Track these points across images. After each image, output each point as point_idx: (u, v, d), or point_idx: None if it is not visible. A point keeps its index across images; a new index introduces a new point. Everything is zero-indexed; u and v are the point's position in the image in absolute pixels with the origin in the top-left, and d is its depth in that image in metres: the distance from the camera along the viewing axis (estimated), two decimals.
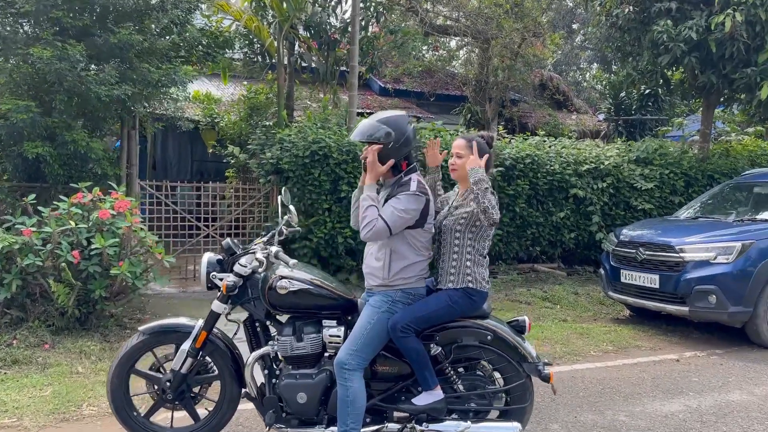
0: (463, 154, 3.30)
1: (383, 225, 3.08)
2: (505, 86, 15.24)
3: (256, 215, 8.37)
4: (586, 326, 6.59)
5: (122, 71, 6.92)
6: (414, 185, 3.16)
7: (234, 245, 3.44)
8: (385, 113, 3.33)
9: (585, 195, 9.06)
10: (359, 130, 3.27)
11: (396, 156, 3.21)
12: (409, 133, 3.24)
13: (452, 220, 3.29)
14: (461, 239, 3.26)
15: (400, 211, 3.09)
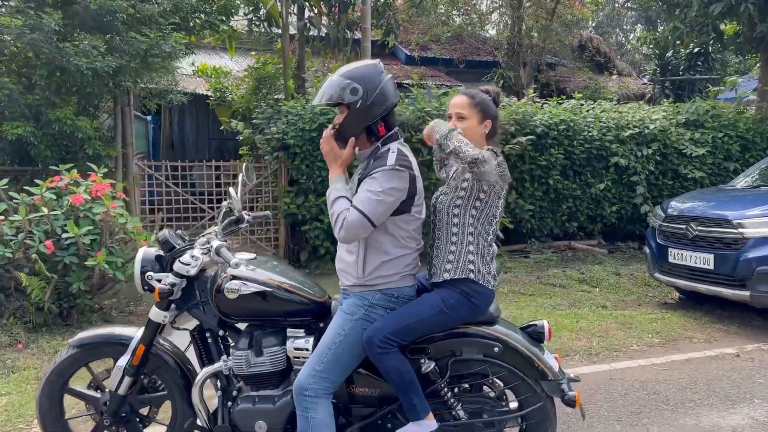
0: (465, 115, 2.57)
1: (358, 216, 2.39)
2: (540, 49, 14.22)
3: (264, 195, 7.76)
4: (629, 313, 5.78)
5: (108, 42, 6.33)
6: (392, 157, 2.45)
7: (173, 237, 2.79)
8: (351, 65, 2.60)
9: (628, 163, 8.13)
10: (320, 91, 2.56)
11: (367, 119, 2.50)
12: (384, 87, 2.51)
13: (449, 197, 2.59)
14: (461, 219, 2.56)
15: (377, 194, 2.40)
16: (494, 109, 2.62)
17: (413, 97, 7.90)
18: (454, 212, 2.56)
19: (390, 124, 2.58)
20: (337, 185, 2.52)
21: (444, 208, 2.59)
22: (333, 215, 2.46)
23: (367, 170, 2.49)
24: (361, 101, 2.47)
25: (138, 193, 7.09)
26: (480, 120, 2.57)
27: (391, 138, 2.57)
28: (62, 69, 6.01)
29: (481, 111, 2.57)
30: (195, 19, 7.37)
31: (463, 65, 14.86)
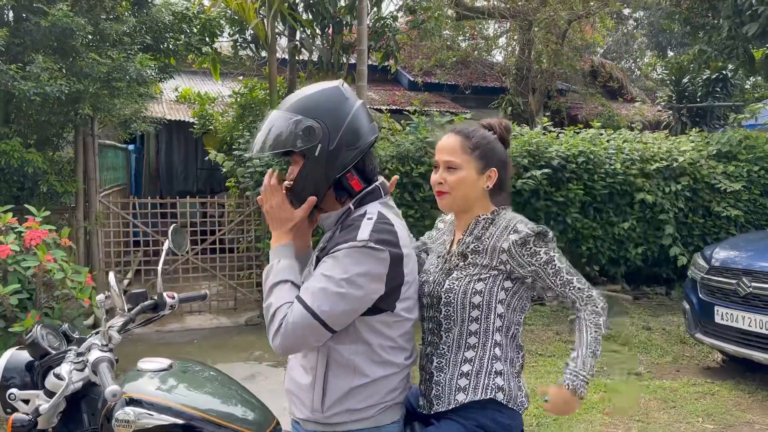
0: (457, 164, 1.79)
1: (303, 315, 1.56)
2: (550, 74, 13.45)
3: (246, 234, 6.91)
4: (669, 385, 4.85)
5: (64, 65, 5.55)
6: (366, 227, 1.61)
7: (46, 338, 1.92)
8: (301, 92, 1.76)
9: (655, 200, 7.25)
10: (259, 134, 1.72)
11: (333, 171, 1.67)
12: (354, 119, 1.69)
13: (464, 281, 1.75)
14: (484, 311, 1.73)
15: (337, 283, 1.56)
16: (501, 152, 1.85)
17: (414, 125, 7.09)
18: (473, 301, 1.73)
19: (367, 173, 1.74)
20: (280, 262, 1.67)
21: (457, 296, 1.74)
22: (268, 310, 1.62)
23: (331, 244, 1.64)
24: (321, 146, 1.64)
25: (101, 234, 6.25)
26: (480, 169, 1.80)
27: (370, 196, 1.72)
28: (8, 95, 5.21)
29: (482, 156, 1.80)
30: (172, 40, 6.61)
31: (469, 91, 14.11)
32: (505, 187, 1.87)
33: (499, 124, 1.87)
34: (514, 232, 1.74)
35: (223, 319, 6.60)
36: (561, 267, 1.75)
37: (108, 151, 7.96)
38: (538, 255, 1.73)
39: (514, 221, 1.79)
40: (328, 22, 7.52)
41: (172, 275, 6.75)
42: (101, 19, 5.68)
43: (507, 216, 1.82)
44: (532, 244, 1.73)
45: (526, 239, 1.73)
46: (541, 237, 1.75)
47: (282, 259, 1.67)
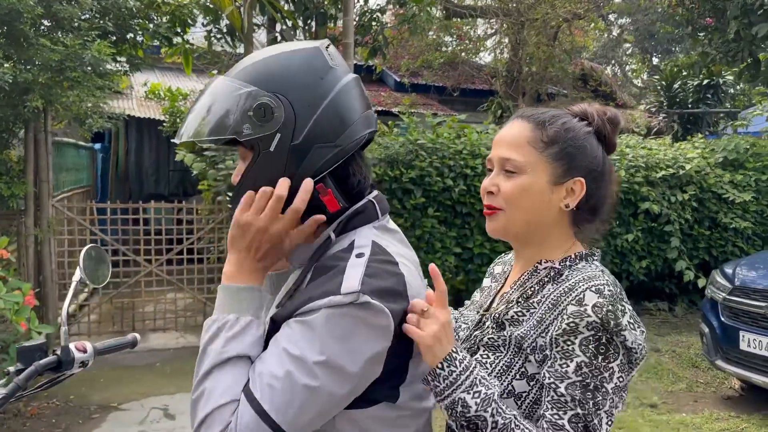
0: (519, 164, 1.18)
1: (255, 426, 0.96)
2: (541, 77, 13.01)
3: (218, 244, 6.29)
4: (690, 420, 4.34)
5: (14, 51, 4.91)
6: (356, 270, 1.02)
7: None
8: (263, 52, 1.14)
9: (660, 210, 6.76)
10: (192, 113, 1.11)
11: (294, 179, 1.08)
12: (340, 100, 1.09)
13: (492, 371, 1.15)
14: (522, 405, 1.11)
15: (307, 373, 0.97)
16: (595, 156, 1.21)
17: (404, 127, 6.52)
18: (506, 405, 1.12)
19: (351, 185, 1.13)
20: (239, 319, 1.05)
21: None
22: (201, 406, 1.00)
23: (297, 297, 1.04)
24: (280, 136, 1.06)
25: (54, 243, 5.58)
26: (556, 176, 1.18)
27: (358, 217, 1.13)
28: None
29: (561, 156, 1.18)
30: (138, 29, 5.96)
31: (457, 93, 13.64)
32: (599, 210, 1.23)
33: (600, 113, 1.23)
34: (577, 302, 1.07)
35: (190, 337, 5.95)
36: (570, 406, 1.04)
37: (68, 150, 7.29)
38: (570, 350, 1.05)
39: (587, 284, 1.10)
40: (311, 13, 6.92)
41: (133, 288, 6.09)
42: (55, 2, 5.02)
43: (585, 270, 1.15)
44: (579, 328, 1.05)
45: (578, 319, 1.06)
46: (599, 338, 1.05)
47: (243, 314, 1.05)
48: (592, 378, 1.04)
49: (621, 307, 1.09)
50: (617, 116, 1.25)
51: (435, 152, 6.05)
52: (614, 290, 1.10)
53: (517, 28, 11.52)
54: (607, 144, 1.24)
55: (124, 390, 4.71)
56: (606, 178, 1.23)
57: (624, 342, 1.06)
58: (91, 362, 1.56)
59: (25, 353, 1.44)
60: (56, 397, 4.52)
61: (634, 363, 1.09)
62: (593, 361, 1.04)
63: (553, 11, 10.45)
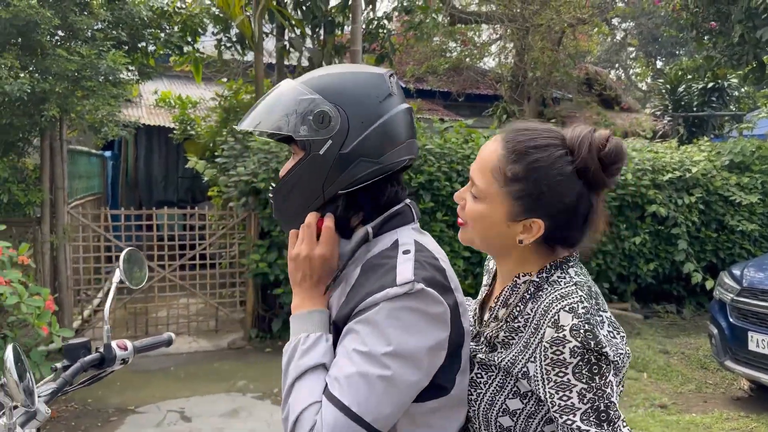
0: (479, 190, 1.18)
1: (341, 423, 1.03)
2: (546, 82, 13.08)
3: (229, 249, 6.37)
4: (700, 420, 4.38)
5: (32, 61, 5.02)
6: (407, 264, 1.11)
7: None
8: (332, 68, 1.25)
9: (668, 213, 6.81)
10: (259, 107, 1.22)
11: (333, 184, 1.18)
12: (390, 127, 1.19)
13: (487, 390, 1.17)
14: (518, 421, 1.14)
15: (380, 365, 1.05)
16: (564, 198, 1.12)
17: None
18: (501, 422, 1.15)
19: (381, 202, 1.22)
20: (309, 336, 1.14)
21: (477, 412, 1.18)
22: (287, 416, 1.08)
23: (352, 295, 1.13)
24: (331, 143, 1.15)
25: (69, 249, 5.67)
26: (511, 214, 1.15)
27: (397, 219, 1.21)
28: None
29: (522, 196, 1.13)
30: (150, 38, 6.06)
31: (462, 98, 13.71)
32: (569, 242, 1.18)
33: (596, 144, 1.11)
34: (553, 324, 1.07)
35: (203, 341, 6.03)
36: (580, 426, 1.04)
37: (81, 158, 7.39)
38: (567, 382, 1.05)
39: (560, 304, 1.08)
40: (320, 21, 7.02)
41: (147, 294, 6.18)
42: (71, 13, 5.13)
43: (559, 286, 1.13)
44: (565, 357, 1.05)
45: (561, 346, 1.05)
46: (587, 360, 1.04)
47: (312, 332, 1.14)
48: (600, 399, 1.04)
49: (598, 318, 1.08)
50: (616, 151, 1.12)
51: (443, 157, 6.12)
52: (588, 305, 1.08)
53: (522, 34, 11.58)
54: (593, 183, 1.13)
55: (140, 393, 4.79)
56: (579, 218, 1.14)
57: (607, 356, 1.05)
58: (131, 359, 1.63)
59: (70, 351, 1.51)
60: (74, 401, 4.60)
61: (619, 370, 1.10)
62: (591, 384, 1.04)
63: (558, 17, 10.51)
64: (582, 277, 1.15)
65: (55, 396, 1.43)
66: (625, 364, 1.12)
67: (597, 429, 1.04)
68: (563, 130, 1.17)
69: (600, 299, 1.14)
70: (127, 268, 1.67)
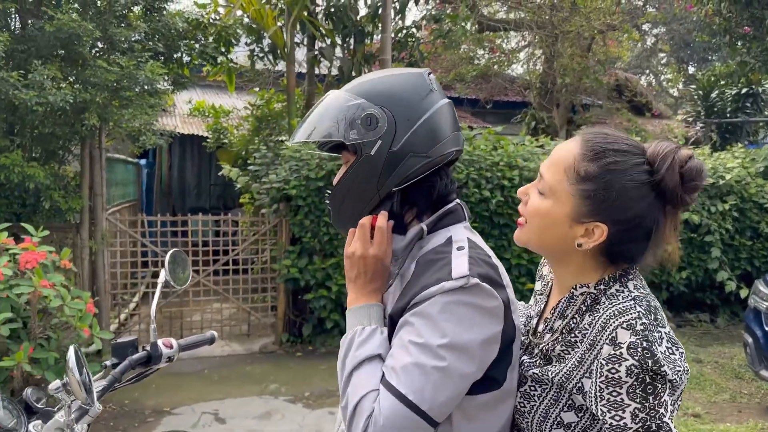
0: (547, 186, 1.18)
1: (397, 410, 1.08)
2: (575, 88, 13.00)
3: (261, 255, 6.48)
4: (733, 429, 4.32)
5: (70, 73, 5.20)
6: (462, 260, 1.16)
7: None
8: (374, 74, 1.32)
9: (701, 221, 6.73)
10: (309, 119, 1.28)
11: (388, 181, 1.23)
12: (436, 118, 1.24)
13: (541, 403, 1.19)
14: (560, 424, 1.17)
15: (435, 356, 1.09)
16: (634, 208, 1.11)
17: None
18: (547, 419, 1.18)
19: (436, 194, 1.27)
20: (365, 329, 1.20)
21: (530, 424, 1.20)
22: (346, 404, 1.14)
23: (408, 289, 1.18)
24: (381, 143, 1.21)
25: (107, 254, 5.83)
26: (576, 214, 1.14)
27: (449, 217, 1.27)
28: (9, 104, 4.84)
29: (589, 196, 1.13)
30: (186, 48, 6.22)
31: (490, 106, 13.70)
32: (629, 257, 1.17)
33: (678, 162, 1.11)
34: (610, 342, 1.07)
35: (235, 345, 6.14)
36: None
37: (117, 166, 7.59)
38: (620, 401, 1.05)
39: (618, 320, 1.08)
40: (350, 31, 7.13)
41: (182, 298, 6.32)
42: (111, 25, 5.31)
43: (617, 301, 1.12)
44: (621, 376, 1.05)
45: (617, 365, 1.05)
46: (642, 380, 1.04)
47: (367, 325, 1.20)
48: (652, 419, 1.03)
49: (657, 335, 1.07)
50: (696, 169, 1.11)
51: (472, 164, 6.15)
52: (647, 321, 1.07)
53: (551, 41, 11.55)
54: (668, 198, 1.12)
55: (175, 395, 4.90)
56: (643, 233, 1.13)
57: (664, 374, 1.04)
58: (176, 357, 1.71)
59: (119, 349, 1.60)
60: (112, 402, 4.73)
61: (677, 388, 1.08)
62: (645, 404, 1.03)
63: (587, 24, 10.47)
64: (641, 291, 1.14)
65: (106, 392, 1.52)
66: (684, 381, 1.09)
67: None
68: (646, 144, 1.17)
69: (660, 314, 1.12)
70: (172, 268, 1.76)
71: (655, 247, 1.15)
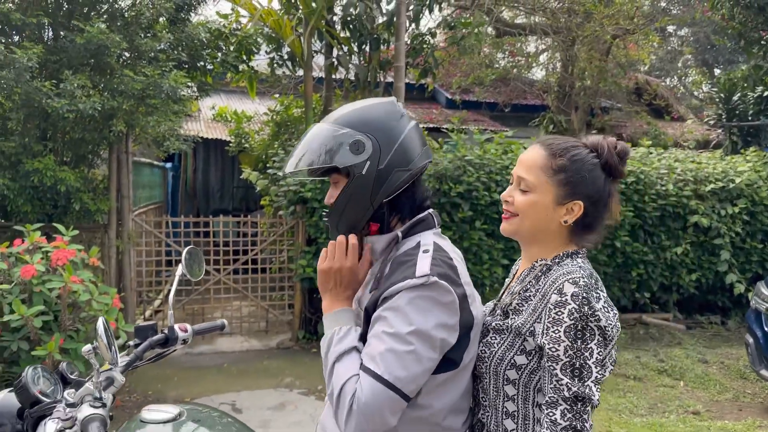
0: (531, 184, 1.46)
1: (376, 390, 1.30)
2: (594, 91, 13.06)
3: (278, 255, 6.74)
4: (732, 426, 4.44)
5: (99, 81, 5.51)
6: (425, 261, 1.39)
7: (38, 382, 1.71)
8: (350, 106, 1.55)
9: (710, 224, 6.82)
10: (298, 149, 1.51)
11: (379, 195, 1.47)
12: (408, 139, 1.49)
13: (498, 348, 1.44)
14: (522, 396, 1.42)
15: (404, 342, 1.32)
16: (597, 184, 1.45)
17: (452, 143, 6.84)
18: (508, 376, 1.42)
19: (417, 200, 1.52)
20: (341, 329, 1.43)
21: (489, 367, 1.45)
22: (332, 391, 1.37)
23: (382, 286, 1.40)
24: (369, 163, 1.43)
25: (134, 254, 6.14)
26: (558, 198, 1.45)
27: (421, 224, 1.51)
28: (42, 112, 5.17)
29: (566, 183, 1.44)
30: (208, 58, 6.52)
31: (509, 109, 13.82)
32: (595, 227, 1.49)
33: (611, 145, 1.45)
34: (557, 292, 1.35)
35: (254, 341, 6.41)
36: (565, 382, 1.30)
37: (144, 169, 7.93)
38: (558, 337, 1.32)
39: (566, 278, 1.37)
40: (366, 39, 7.36)
41: (203, 295, 6.61)
42: (137, 36, 5.61)
43: (567, 266, 1.42)
44: (563, 318, 1.32)
45: (561, 308, 1.33)
46: (577, 326, 1.31)
47: (343, 325, 1.44)
48: (577, 358, 1.30)
49: (595, 294, 1.34)
50: (625, 149, 1.48)
51: (482, 167, 6.33)
52: (588, 281, 1.36)
53: (567, 45, 11.65)
54: (614, 173, 1.47)
55: (195, 387, 5.17)
56: (604, 203, 1.47)
57: (598, 323, 1.31)
58: (190, 340, 1.95)
59: (141, 331, 1.84)
60: (136, 392, 5.02)
61: (609, 339, 1.34)
62: (575, 344, 1.31)
63: (601, 29, 10.56)
64: (586, 264, 1.44)
65: (129, 367, 1.76)
66: (614, 336, 1.36)
67: (568, 379, 1.30)
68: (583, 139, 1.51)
69: (599, 283, 1.40)
70: (188, 263, 1.99)
71: (609, 214, 1.49)
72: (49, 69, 5.44)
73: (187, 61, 6.29)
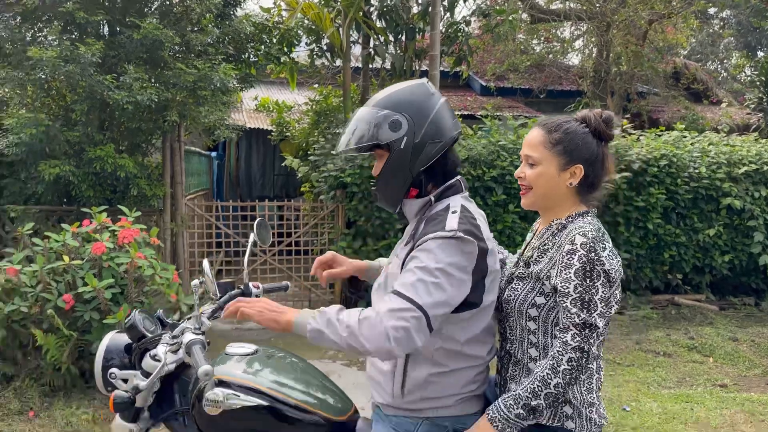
0: (536, 159, 1.75)
1: (405, 307, 1.57)
2: (630, 76, 13.04)
3: (320, 237, 7.08)
4: (758, 398, 4.60)
5: (154, 74, 5.89)
6: (453, 219, 1.66)
7: (143, 322, 2.05)
8: (387, 90, 1.83)
9: (743, 206, 6.90)
10: (346, 131, 1.81)
11: (417, 164, 1.74)
12: (439, 114, 1.75)
13: (521, 292, 1.75)
14: (542, 331, 1.73)
15: (432, 273, 1.59)
16: (590, 147, 1.74)
17: (487, 129, 7.06)
18: (530, 313, 1.72)
19: (449, 167, 1.79)
20: (315, 318, 1.64)
21: (513, 309, 1.77)
22: (350, 331, 1.58)
23: (417, 238, 1.68)
24: (406, 139, 1.70)
25: (186, 235, 6.56)
26: (561, 165, 1.74)
27: (451, 189, 1.78)
28: (103, 103, 5.58)
29: (564, 152, 1.73)
30: (253, 50, 6.86)
31: (544, 95, 13.88)
32: (597, 185, 1.78)
33: (597, 115, 1.76)
34: (569, 242, 1.65)
35: None
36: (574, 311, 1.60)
37: (193, 158, 8.35)
38: (569, 277, 1.62)
39: (577, 231, 1.66)
40: (401, 28, 7.60)
41: (251, 275, 6.99)
42: (187, 31, 5.98)
43: (579, 223, 1.71)
44: (573, 262, 1.62)
45: (572, 255, 1.62)
46: (585, 268, 1.61)
47: (313, 315, 1.65)
48: (585, 293, 1.60)
49: (601, 245, 1.64)
50: (610, 116, 1.78)
51: (515, 152, 6.54)
52: (596, 234, 1.65)
53: (602, 30, 11.67)
54: (603, 137, 1.76)
55: None
56: (600, 162, 1.76)
57: (603, 267, 1.61)
58: (261, 296, 2.27)
59: (221, 286, 2.16)
60: None
61: (612, 281, 1.64)
62: (583, 282, 1.60)
63: (636, 14, 10.57)
64: (595, 221, 1.73)
65: (213, 314, 2.08)
66: (617, 279, 1.65)
67: (577, 310, 1.60)
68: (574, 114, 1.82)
69: (606, 236, 1.69)
70: (259, 231, 2.31)
71: (607, 174, 1.78)
72: (107, 63, 5.85)
73: (233, 53, 6.64)
